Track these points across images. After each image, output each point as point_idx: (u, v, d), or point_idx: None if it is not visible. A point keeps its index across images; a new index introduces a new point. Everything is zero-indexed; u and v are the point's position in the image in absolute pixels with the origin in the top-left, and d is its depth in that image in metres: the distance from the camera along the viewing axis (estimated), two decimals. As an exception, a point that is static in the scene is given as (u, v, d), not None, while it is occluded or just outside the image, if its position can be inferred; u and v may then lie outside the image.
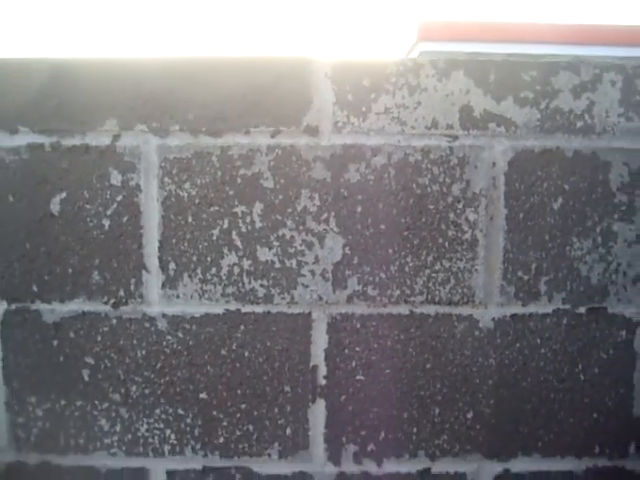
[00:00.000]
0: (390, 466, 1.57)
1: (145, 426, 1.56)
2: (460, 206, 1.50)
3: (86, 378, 1.55)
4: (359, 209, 1.49)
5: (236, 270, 1.51)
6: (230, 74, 1.48)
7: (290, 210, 1.49)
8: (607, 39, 16.27)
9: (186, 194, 1.49)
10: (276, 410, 1.55)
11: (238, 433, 1.56)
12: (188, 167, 1.49)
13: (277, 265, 1.51)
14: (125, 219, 1.50)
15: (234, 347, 1.53)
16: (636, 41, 16.32)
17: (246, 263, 1.51)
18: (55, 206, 1.50)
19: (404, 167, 1.48)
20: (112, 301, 1.52)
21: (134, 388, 1.55)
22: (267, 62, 1.49)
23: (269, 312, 1.52)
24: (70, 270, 1.51)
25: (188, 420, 1.55)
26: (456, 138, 1.49)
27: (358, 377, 1.54)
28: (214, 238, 1.50)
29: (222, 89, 1.47)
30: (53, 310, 1.53)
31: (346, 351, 1.53)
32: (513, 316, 1.53)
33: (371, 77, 1.48)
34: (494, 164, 1.49)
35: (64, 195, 1.50)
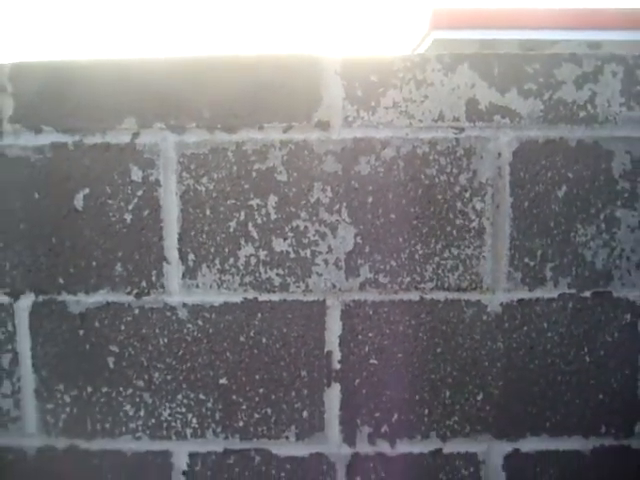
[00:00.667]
0: (403, 447, 1.63)
1: (168, 411, 1.63)
2: (467, 195, 1.55)
3: (111, 366, 1.62)
4: (370, 200, 1.55)
5: (253, 260, 1.57)
6: (243, 72, 1.54)
7: (303, 202, 1.55)
8: (618, 23, 16.10)
9: (204, 188, 1.55)
10: (293, 394, 1.61)
11: (257, 416, 1.62)
12: (205, 162, 1.55)
13: (292, 255, 1.57)
14: (146, 213, 1.56)
15: (252, 334, 1.59)
16: None
17: (262, 253, 1.57)
18: (79, 202, 1.57)
19: (412, 159, 1.54)
20: (135, 292, 1.59)
21: (157, 375, 1.62)
22: (278, 60, 1.55)
23: (285, 300, 1.58)
24: (94, 263, 1.58)
25: (209, 405, 1.62)
26: (462, 130, 1.54)
27: (371, 361, 1.60)
28: (231, 230, 1.56)
29: (235, 87, 1.53)
30: (79, 301, 1.60)
31: (359, 337, 1.59)
32: (520, 301, 1.59)
33: (379, 73, 1.53)
34: (499, 154, 1.54)
35: (87, 191, 1.57)
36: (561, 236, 1.57)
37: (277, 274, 1.57)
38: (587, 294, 1.59)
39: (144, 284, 1.59)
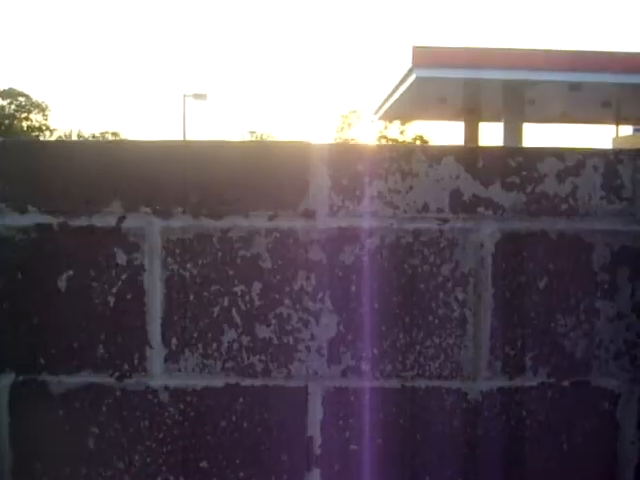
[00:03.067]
0: (382, 533, 1.63)
1: (147, 494, 1.62)
2: (449, 285, 1.57)
3: (91, 446, 1.61)
4: (353, 288, 1.56)
5: (235, 346, 1.57)
6: (230, 159, 1.55)
7: (287, 289, 1.56)
8: (599, 65, 16.38)
9: (188, 274, 1.56)
10: (273, 478, 1.61)
11: (236, 501, 1.62)
12: (190, 248, 1.56)
13: (275, 341, 1.57)
14: (129, 297, 1.57)
15: (233, 419, 1.59)
16: (629, 67, 16.43)
17: (245, 339, 1.57)
18: (62, 283, 1.57)
19: (396, 249, 1.56)
20: (117, 374, 1.59)
21: (137, 457, 1.61)
22: (265, 147, 1.57)
23: (267, 385, 1.59)
24: (76, 344, 1.58)
25: (188, 489, 1.62)
26: (446, 221, 1.56)
27: (352, 447, 1.60)
28: (215, 315, 1.57)
29: (223, 173, 1.55)
30: (60, 382, 1.59)
31: (340, 422, 1.60)
32: (500, 389, 1.60)
33: (365, 163, 1.55)
34: (482, 245, 1.56)
35: (71, 273, 1.57)
36: (541, 326, 1.59)
37: (259, 360, 1.58)
38: (566, 383, 1.61)
39: (126, 367, 1.59)
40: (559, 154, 1.57)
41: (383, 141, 65.00)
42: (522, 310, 1.58)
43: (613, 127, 32.89)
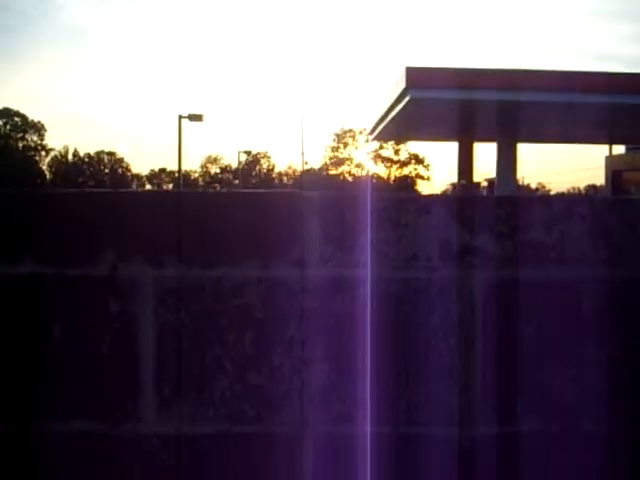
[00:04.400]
0: None
1: (139, 543, 1.62)
2: (440, 333, 1.58)
3: (83, 494, 1.61)
4: (344, 337, 1.58)
5: (228, 393, 1.59)
6: (222, 209, 1.57)
7: (279, 337, 1.58)
8: (592, 86, 16.39)
9: (180, 322, 1.57)
10: (265, 525, 1.61)
11: None
12: (182, 296, 1.57)
13: (267, 389, 1.59)
14: (122, 345, 1.58)
15: (226, 465, 1.60)
16: (621, 88, 16.47)
17: (237, 387, 1.58)
18: (57, 331, 1.58)
19: (387, 297, 1.58)
20: (110, 421, 1.60)
21: (129, 505, 1.61)
22: (258, 197, 1.59)
23: (259, 431, 1.59)
24: (70, 392, 1.59)
25: (181, 537, 1.62)
26: (435, 270, 1.58)
27: (344, 493, 1.61)
28: (207, 363, 1.58)
29: (215, 223, 1.57)
30: (54, 429, 1.60)
31: (333, 468, 1.61)
32: (491, 435, 1.61)
33: (355, 213, 1.57)
34: (471, 293, 1.58)
35: (65, 322, 1.58)
36: (531, 372, 1.60)
37: (251, 407, 1.59)
38: (557, 428, 1.62)
39: (119, 414, 1.59)
40: (546, 202, 1.59)
41: (378, 161, 64.97)
42: (512, 357, 1.60)
43: (606, 146, 33.11)
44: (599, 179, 42.87)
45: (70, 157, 72.71)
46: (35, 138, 69.99)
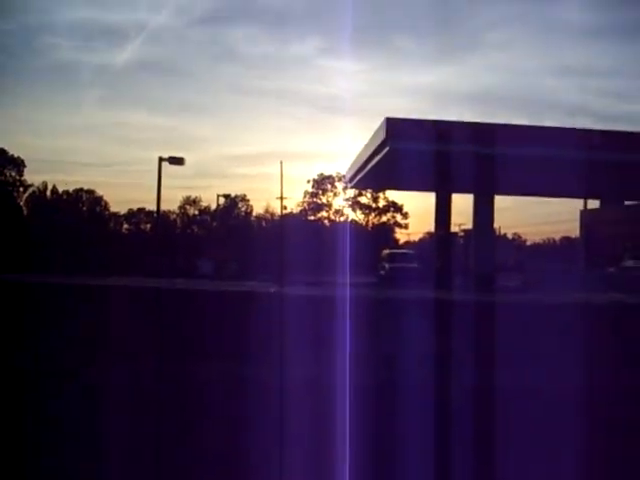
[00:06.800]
0: None
1: None
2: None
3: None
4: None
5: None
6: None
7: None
8: (570, 141, 17.46)
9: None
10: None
11: None
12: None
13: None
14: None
15: None
16: (598, 144, 17.48)
17: None
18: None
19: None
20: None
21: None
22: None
23: None
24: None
25: None
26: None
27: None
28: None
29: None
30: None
31: None
32: None
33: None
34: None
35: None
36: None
37: None
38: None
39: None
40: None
41: (357, 208, 66.10)
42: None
43: (581, 201, 34.32)
44: (574, 231, 43.49)
45: (48, 194, 72.78)
46: (14, 174, 69.87)
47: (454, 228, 31.56)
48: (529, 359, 7.92)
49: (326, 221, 67.49)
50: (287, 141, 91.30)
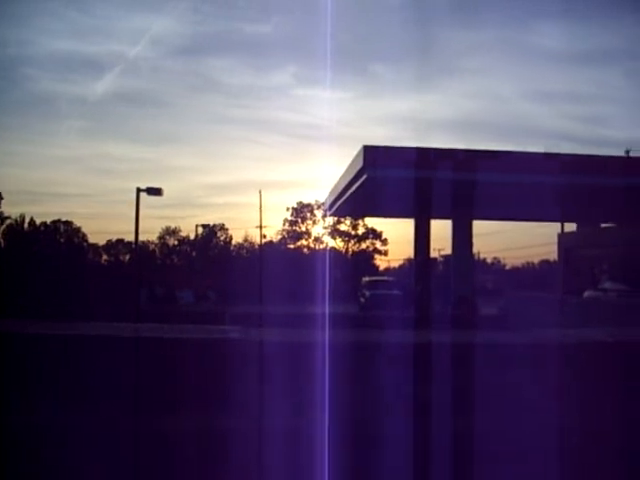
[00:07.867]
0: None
1: None
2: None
3: None
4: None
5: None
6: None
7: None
8: (547, 166, 17.63)
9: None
10: None
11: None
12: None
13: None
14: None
15: None
16: (573, 168, 17.76)
17: None
18: None
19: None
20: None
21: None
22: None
23: None
24: None
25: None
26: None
27: None
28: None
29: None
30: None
31: None
32: None
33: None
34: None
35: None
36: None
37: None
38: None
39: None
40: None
41: (336, 235, 66.35)
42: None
43: (558, 224, 34.73)
44: (552, 255, 44.21)
45: (26, 226, 72.29)
46: (-10, 205, 69.10)
47: (433, 253, 31.63)
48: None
49: (305, 249, 67.40)
50: (266, 170, 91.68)
